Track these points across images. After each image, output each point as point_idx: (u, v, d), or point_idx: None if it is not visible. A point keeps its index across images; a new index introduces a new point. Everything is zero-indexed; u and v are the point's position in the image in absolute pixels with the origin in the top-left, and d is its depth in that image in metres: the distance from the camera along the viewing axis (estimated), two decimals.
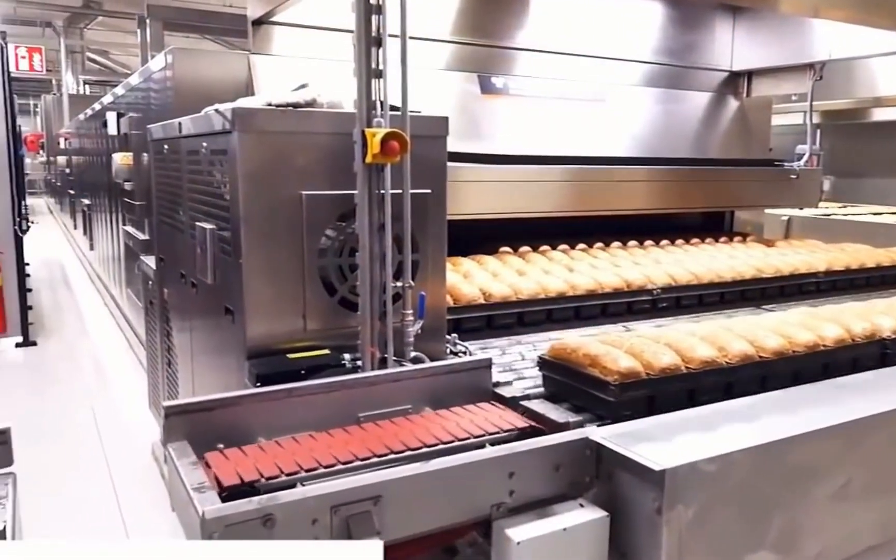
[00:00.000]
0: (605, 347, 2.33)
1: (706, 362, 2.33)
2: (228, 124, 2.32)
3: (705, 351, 2.36)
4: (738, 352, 2.40)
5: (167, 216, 3.48)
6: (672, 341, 2.41)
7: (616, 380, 2.18)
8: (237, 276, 2.38)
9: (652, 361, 2.26)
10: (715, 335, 2.50)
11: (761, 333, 2.53)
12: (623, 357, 2.25)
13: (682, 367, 2.30)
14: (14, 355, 6.70)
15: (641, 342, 2.38)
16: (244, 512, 1.58)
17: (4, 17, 15.27)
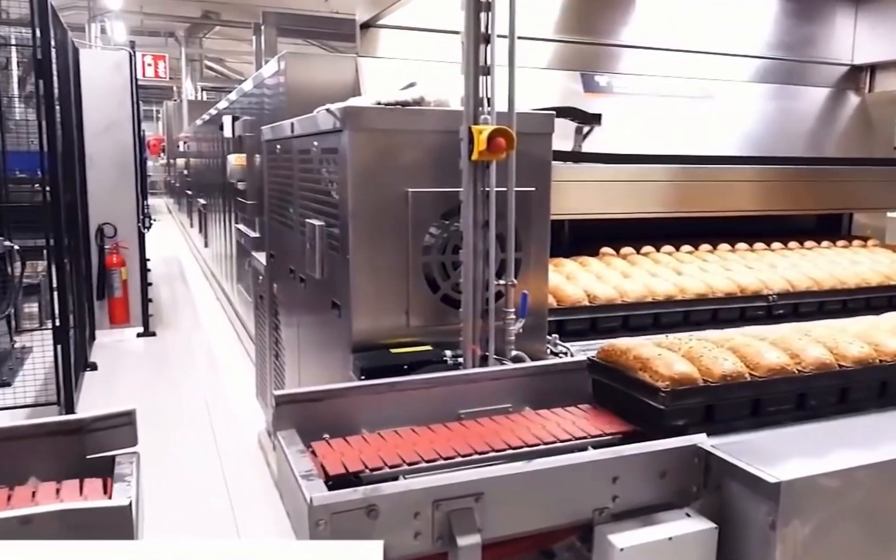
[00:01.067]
0: (659, 350, 2.17)
1: (774, 369, 2.12)
2: (339, 123, 2.38)
3: (774, 357, 2.15)
4: (813, 359, 2.18)
5: (278, 214, 3.61)
6: (738, 346, 2.23)
7: (667, 386, 1.99)
8: (344, 272, 2.45)
9: (711, 367, 2.08)
10: (788, 340, 2.28)
11: (844, 339, 2.30)
12: (678, 361, 2.08)
13: (745, 375, 2.10)
14: (135, 344, 7.15)
15: (702, 346, 2.20)
16: (349, 501, 1.62)
17: (132, 28, 16.35)
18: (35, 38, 4.67)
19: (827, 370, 2.18)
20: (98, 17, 14.85)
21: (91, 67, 6.78)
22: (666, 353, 2.14)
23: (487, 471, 1.77)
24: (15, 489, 1.67)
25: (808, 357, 2.18)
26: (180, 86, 19.71)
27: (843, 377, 2.20)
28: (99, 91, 6.78)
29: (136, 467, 1.79)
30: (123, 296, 7.07)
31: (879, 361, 2.25)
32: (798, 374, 2.14)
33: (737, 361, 2.12)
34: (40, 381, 5.63)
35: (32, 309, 7.52)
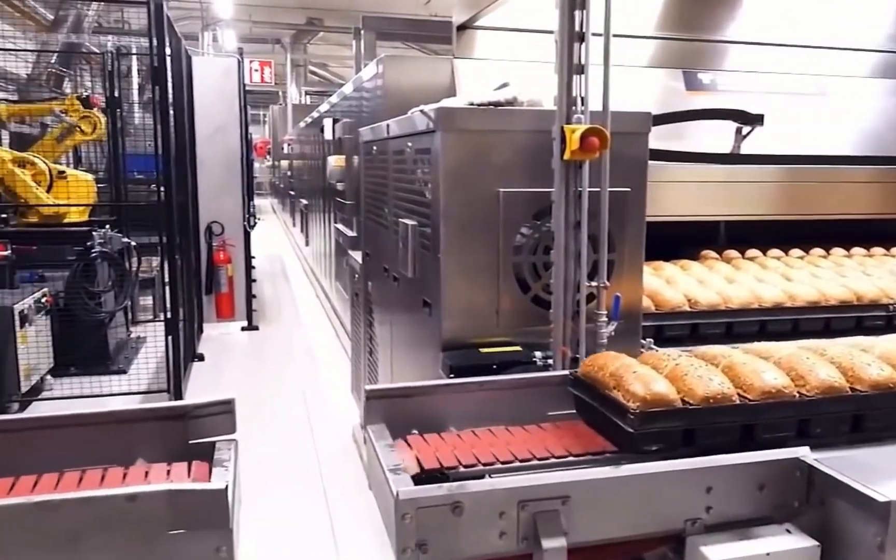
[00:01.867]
0: (637, 368, 2.00)
1: (769, 393, 1.91)
2: (432, 124, 2.41)
3: (772, 379, 1.92)
4: (819, 382, 1.94)
5: (373, 213, 3.69)
6: (735, 364, 2.02)
7: (637, 407, 1.83)
8: (436, 271, 2.47)
9: (694, 388, 1.88)
10: (795, 360, 2.03)
11: (861, 360, 2.02)
12: (655, 380, 1.89)
13: (733, 397, 1.90)
14: (239, 338, 7.48)
15: (690, 363, 1.99)
16: (435, 496, 1.63)
17: (242, 36, 17.11)
18: (152, 47, 4.96)
19: (836, 395, 1.95)
20: (210, 26, 15.65)
21: (202, 74, 7.14)
22: (644, 371, 1.96)
23: (574, 474, 1.74)
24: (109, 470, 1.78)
25: (813, 380, 1.95)
26: (285, 90, 20.47)
27: (856, 402, 1.97)
28: (209, 96, 7.14)
29: (234, 453, 1.87)
30: (229, 291, 7.41)
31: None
32: (798, 399, 1.93)
33: (725, 382, 1.93)
34: (153, 369, 5.98)
35: (147, 302, 8.00)
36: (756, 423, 1.91)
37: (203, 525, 1.49)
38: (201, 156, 7.13)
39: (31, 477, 1.71)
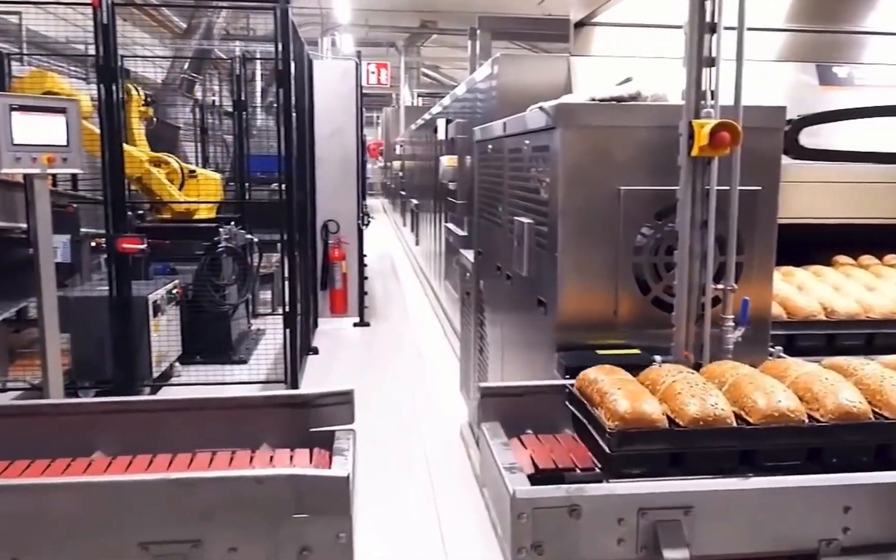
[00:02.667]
0: (629, 384, 1.87)
1: (769, 417, 1.75)
2: (551, 120, 2.38)
3: (779, 401, 1.77)
4: (834, 407, 1.77)
5: (487, 212, 3.69)
6: (740, 383, 1.87)
7: (616, 427, 1.75)
8: (552, 270, 2.43)
9: (684, 408, 1.77)
10: (814, 383, 1.86)
11: (891, 383, 1.85)
12: (641, 398, 1.79)
13: (728, 420, 1.76)
14: (351, 333, 7.68)
15: (689, 381, 1.86)
16: (552, 497, 1.61)
17: (358, 40, 17.61)
18: (277, 50, 5.17)
19: (853, 420, 1.77)
20: (329, 30, 16.19)
21: (322, 76, 7.39)
22: (632, 389, 1.85)
23: (699, 483, 1.67)
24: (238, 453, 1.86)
25: (828, 404, 1.77)
26: (398, 92, 20.89)
27: (878, 432, 1.79)
28: (328, 98, 7.37)
29: (353, 443, 1.92)
30: (343, 288, 7.63)
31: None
32: (803, 425, 1.77)
33: (721, 403, 1.78)
34: (271, 360, 6.24)
35: (266, 296, 8.37)
36: (755, 449, 1.78)
37: (325, 511, 1.53)
38: (319, 156, 7.37)
39: (167, 455, 1.82)
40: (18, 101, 4.56)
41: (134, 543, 1.51)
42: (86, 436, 1.99)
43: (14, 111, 4.42)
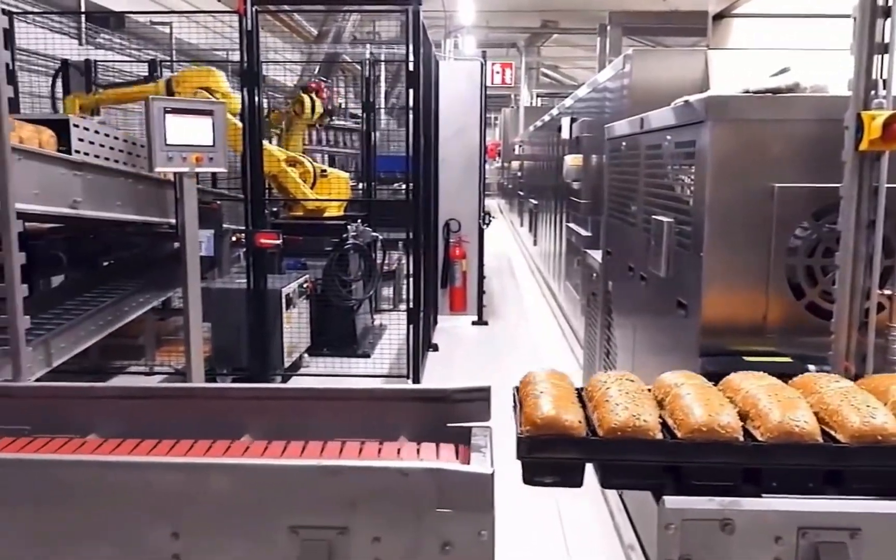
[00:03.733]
0: (547, 388, 1.74)
1: (696, 431, 1.59)
2: (700, 115, 2.27)
3: (719, 415, 1.61)
4: (774, 425, 1.59)
5: (618, 211, 3.59)
6: (681, 395, 1.70)
7: (526, 431, 1.64)
8: (695, 270, 2.33)
9: (607, 417, 1.63)
10: (755, 397, 1.69)
11: (845, 408, 1.63)
12: (562, 404, 1.66)
13: (653, 432, 1.59)
14: (470, 331, 7.71)
15: (619, 388, 1.72)
16: (704, 509, 1.52)
17: (479, 42, 17.70)
18: (408, 52, 5.26)
19: (791, 440, 1.59)
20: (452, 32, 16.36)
21: (447, 77, 7.47)
22: (555, 391, 1.70)
23: (869, 504, 1.54)
24: (385, 444, 1.88)
25: (770, 422, 1.60)
26: (517, 93, 20.83)
27: (818, 454, 1.59)
28: (453, 98, 7.44)
29: (490, 440, 1.90)
30: (462, 286, 7.68)
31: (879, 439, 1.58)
32: (734, 442, 1.60)
33: (644, 414, 1.63)
34: (393, 355, 6.37)
35: (387, 292, 8.56)
36: (679, 465, 1.62)
37: (468, 507, 1.52)
38: (442, 155, 7.45)
39: (318, 443, 1.87)
40: (172, 104, 4.88)
41: (284, 526, 1.56)
42: (235, 420, 2.08)
43: (168, 113, 4.75)
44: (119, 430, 2.11)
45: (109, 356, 6.03)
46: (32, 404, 2.24)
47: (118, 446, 2.00)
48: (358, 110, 10.83)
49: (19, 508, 1.59)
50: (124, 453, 1.96)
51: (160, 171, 4.96)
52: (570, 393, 1.78)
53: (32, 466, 1.63)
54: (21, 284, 2.70)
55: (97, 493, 1.58)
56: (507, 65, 16.28)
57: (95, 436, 2.15)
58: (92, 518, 1.58)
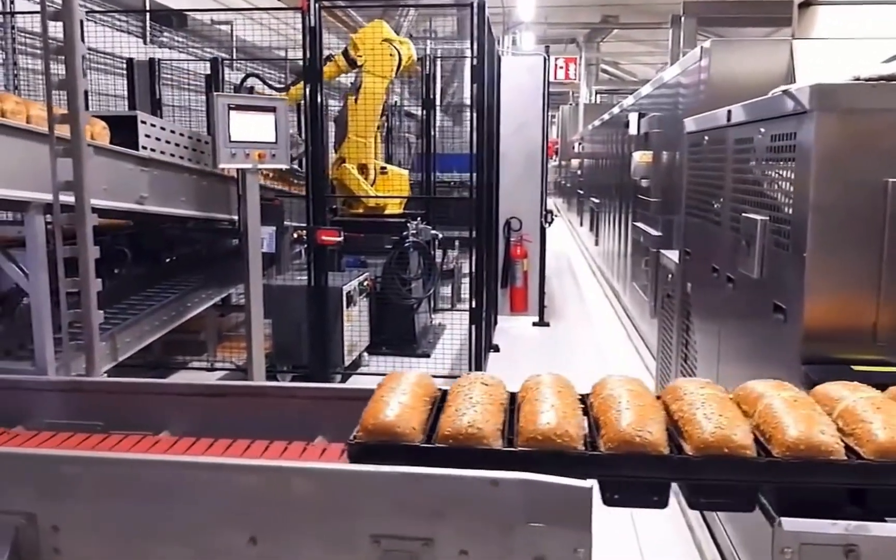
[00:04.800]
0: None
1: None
2: (805, 104, 2.10)
3: (545, 422, 1.53)
4: (614, 434, 1.50)
5: (699, 209, 3.41)
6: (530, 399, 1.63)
7: (357, 436, 1.55)
8: (795, 272, 2.16)
9: (452, 420, 1.56)
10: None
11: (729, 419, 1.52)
12: (402, 406, 1.60)
13: (487, 439, 1.53)
14: (531, 333, 7.56)
15: (484, 392, 1.67)
16: (825, 534, 1.38)
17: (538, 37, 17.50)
18: (473, 47, 5.16)
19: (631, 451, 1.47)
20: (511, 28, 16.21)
21: (508, 72, 7.33)
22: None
23: None
24: None
25: (614, 431, 1.51)
26: (575, 90, 20.53)
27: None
28: (514, 94, 7.30)
29: None
30: (524, 286, 7.54)
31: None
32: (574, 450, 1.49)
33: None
34: (454, 355, 6.28)
35: (445, 291, 8.47)
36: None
37: (563, 522, 1.41)
38: (503, 151, 7.32)
39: None
40: (235, 100, 4.89)
41: (366, 535, 1.47)
42: (308, 420, 2.02)
43: (232, 110, 4.75)
44: (191, 427, 2.06)
45: (171, 351, 6.10)
46: (105, 400, 2.22)
47: (192, 445, 1.95)
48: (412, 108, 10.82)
49: (97, 506, 1.55)
50: (199, 452, 1.91)
51: (223, 168, 4.98)
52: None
53: (113, 465, 1.58)
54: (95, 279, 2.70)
55: (175, 494, 1.52)
56: (570, 59, 16.02)
57: (168, 434, 2.11)
58: (169, 518, 1.52)
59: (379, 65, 6.03)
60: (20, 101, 3.57)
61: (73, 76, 2.85)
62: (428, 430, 1.60)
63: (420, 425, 1.59)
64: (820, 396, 1.67)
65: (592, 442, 1.55)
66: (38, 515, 1.57)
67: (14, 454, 1.72)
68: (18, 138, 3.34)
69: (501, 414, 1.66)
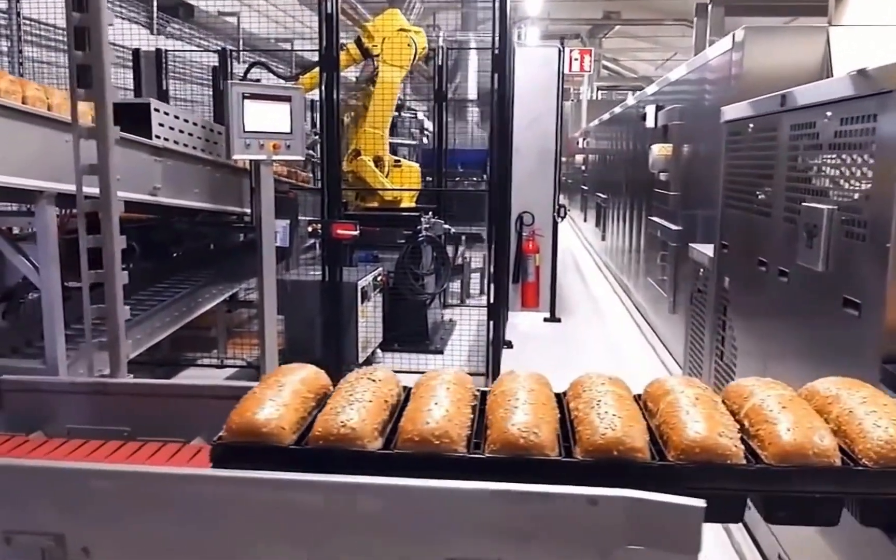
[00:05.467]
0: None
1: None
2: (889, 84, 1.95)
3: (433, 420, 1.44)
4: (498, 439, 1.40)
5: (740, 200, 3.27)
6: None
7: (222, 436, 1.47)
8: (874, 264, 2.02)
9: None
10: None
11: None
12: (265, 402, 1.50)
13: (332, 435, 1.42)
14: (543, 329, 7.42)
15: (365, 388, 1.56)
16: None
17: (542, 33, 17.31)
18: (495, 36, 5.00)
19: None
20: (516, 23, 16.03)
21: (522, 64, 7.17)
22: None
23: None
24: None
25: (497, 432, 1.42)
26: (576, 86, 20.36)
27: None
28: (527, 86, 7.14)
29: None
30: (535, 281, 7.39)
31: None
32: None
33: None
34: (466, 351, 6.13)
35: (454, 287, 8.30)
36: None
37: (669, 545, 1.26)
38: (516, 145, 7.17)
39: None
40: (250, 89, 4.71)
41: (441, 558, 1.32)
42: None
43: (246, 99, 4.58)
44: None
45: (180, 348, 5.93)
46: (131, 403, 2.07)
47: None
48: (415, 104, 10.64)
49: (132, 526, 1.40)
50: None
51: (237, 159, 4.81)
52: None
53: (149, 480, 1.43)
54: (122, 271, 2.53)
55: (224, 512, 1.37)
56: (585, 51, 15.79)
57: (201, 439, 1.96)
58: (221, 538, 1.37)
59: (397, 55, 5.87)
60: (14, 79, 3.37)
61: (100, 50, 2.67)
62: (304, 430, 1.48)
63: (293, 425, 1.47)
64: (731, 393, 1.61)
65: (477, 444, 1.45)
66: (67, 536, 1.42)
67: (39, 467, 1.56)
68: (27, 123, 3.17)
69: (385, 412, 1.53)
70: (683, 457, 1.35)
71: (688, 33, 18.78)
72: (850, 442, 1.41)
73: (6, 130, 3.07)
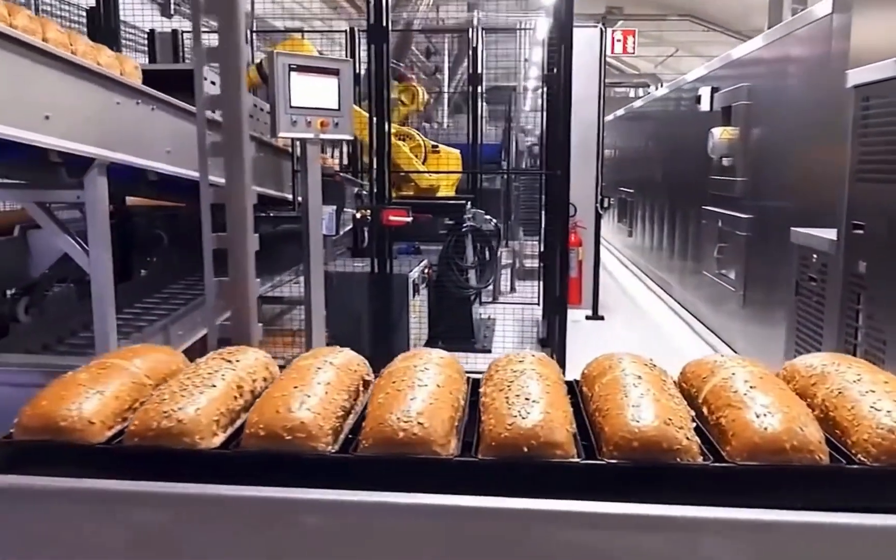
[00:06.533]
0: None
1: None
2: None
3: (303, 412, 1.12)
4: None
5: (882, 173, 2.90)
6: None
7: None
8: None
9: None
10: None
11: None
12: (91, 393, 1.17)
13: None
14: (587, 327, 7.04)
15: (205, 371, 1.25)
16: None
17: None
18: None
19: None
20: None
21: None
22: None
23: None
24: None
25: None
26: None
27: None
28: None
29: None
30: (578, 276, 7.02)
31: None
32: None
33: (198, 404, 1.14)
34: (510, 348, 5.73)
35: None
36: None
37: None
38: None
39: None
40: (297, 61, 4.29)
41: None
42: None
43: (293, 72, 4.16)
44: None
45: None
46: None
47: None
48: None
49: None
50: None
51: (283, 138, 4.38)
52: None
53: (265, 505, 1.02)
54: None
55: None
56: (629, 31, 15.29)
57: None
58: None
59: None
60: (34, 17, 2.94)
61: None
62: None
63: (110, 418, 1.15)
64: (687, 373, 1.35)
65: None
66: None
67: None
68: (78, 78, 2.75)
69: (237, 402, 1.21)
70: (618, 453, 1.02)
71: (695, 28, 18.60)
72: (841, 432, 1.06)
73: (55, 84, 2.64)
